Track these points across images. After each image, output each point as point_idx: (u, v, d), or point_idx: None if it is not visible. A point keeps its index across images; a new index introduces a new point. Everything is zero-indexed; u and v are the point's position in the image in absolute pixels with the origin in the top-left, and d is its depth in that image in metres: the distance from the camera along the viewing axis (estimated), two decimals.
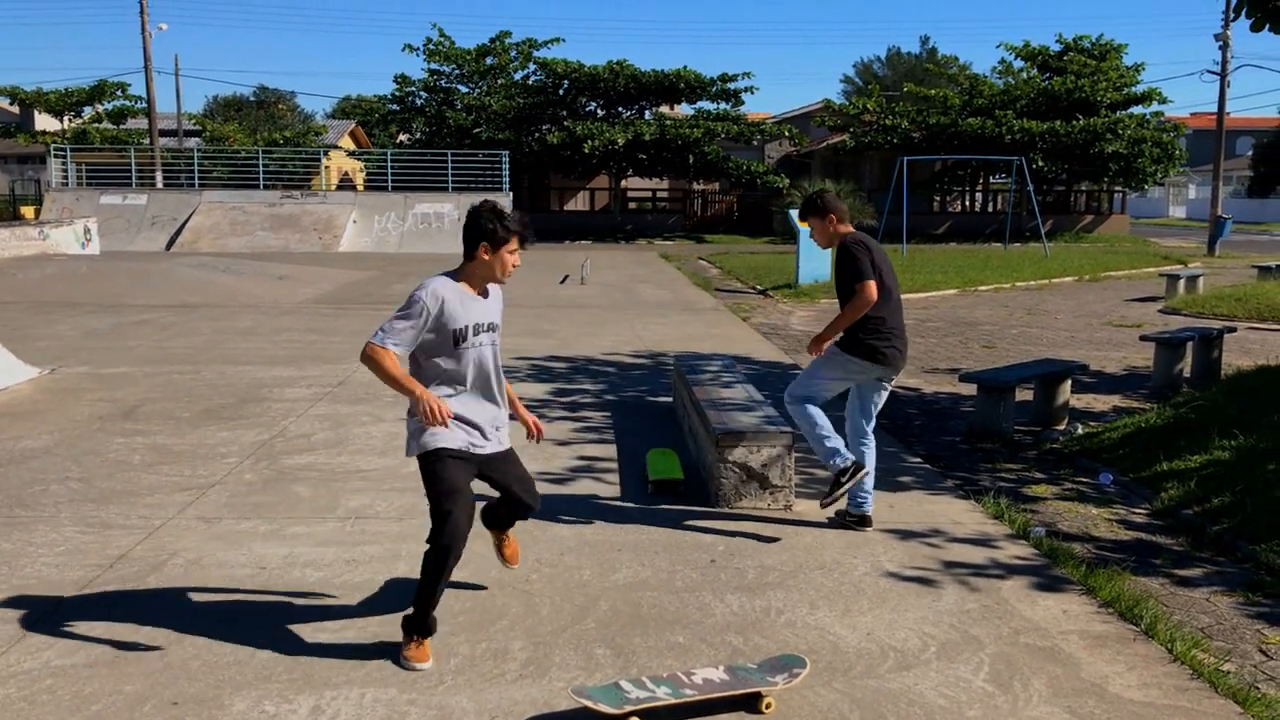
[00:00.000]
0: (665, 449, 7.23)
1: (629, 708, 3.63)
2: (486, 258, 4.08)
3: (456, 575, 4.41)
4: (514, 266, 4.16)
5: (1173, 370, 10.32)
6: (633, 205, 44.29)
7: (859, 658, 4.26)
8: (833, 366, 5.78)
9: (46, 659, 4.13)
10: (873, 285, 5.52)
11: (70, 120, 42.32)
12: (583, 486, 6.69)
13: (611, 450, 7.61)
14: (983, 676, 4.11)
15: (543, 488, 6.58)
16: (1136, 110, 39.72)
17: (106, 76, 56.06)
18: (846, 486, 5.63)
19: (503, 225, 4.05)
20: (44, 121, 45.41)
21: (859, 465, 5.67)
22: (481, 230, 4.06)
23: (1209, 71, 35.22)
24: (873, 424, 5.90)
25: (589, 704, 3.64)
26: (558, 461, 7.23)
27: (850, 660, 4.24)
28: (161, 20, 63.74)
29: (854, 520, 5.86)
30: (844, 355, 5.71)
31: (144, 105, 39.69)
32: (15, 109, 47.77)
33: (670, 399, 9.19)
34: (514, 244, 4.11)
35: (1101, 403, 9.87)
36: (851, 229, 5.79)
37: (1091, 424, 8.77)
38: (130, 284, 18.29)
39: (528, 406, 3.88)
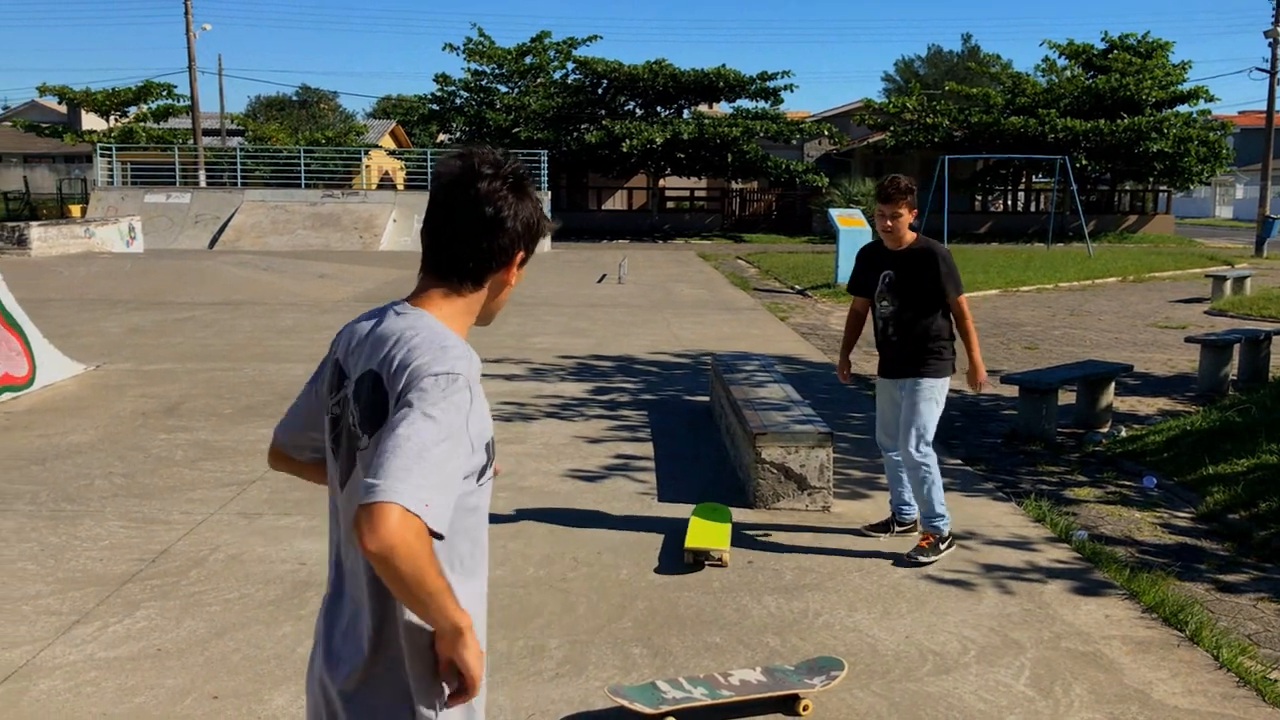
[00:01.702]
0: (717, 505, 5.84)
1: (665, 708, 3.62)
2: (512, 280, 2.07)
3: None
4: None
5: (1219, 373, 10.15)
6: (670, 204, 44.28)
7: (897, 660, 4.23)
8: (935, 400, 5.40)
9: (91, 651, 4.19)
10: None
11: (116, 120, 42.93)
12: (620, 485, 6.68)
13: (649, 449, 7.61)
14: (1023, 681, 4.06)
15: (579, 486, 6.62)
16: (1183, 109, 39.09)
17: (152, 76, 56.93)
18: (946, 552, 5.40)
19: (540, 209, 2.07)
20: (91, 121, 46.08)
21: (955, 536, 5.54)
22: (506, 221, 1.97)
23: (1258, 69, 34.70)
24: None
25: (625, 703, 3.63)
26: (594, 460, 7.23)
27: (889, 663, 4.21)
28: (206, 21, 64.46)
29: (902, 530, 5.78)
30: (945, 379, 5.40)
31: (188, 105, 40.21)
32: (63, 109, 48.55)
33: (707, 398, 9.17)
34: None
35: (1146, 405, 9.73)
36: None
37: (1135, 427, 8.65)
38: (173, 282, 18.53)
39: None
